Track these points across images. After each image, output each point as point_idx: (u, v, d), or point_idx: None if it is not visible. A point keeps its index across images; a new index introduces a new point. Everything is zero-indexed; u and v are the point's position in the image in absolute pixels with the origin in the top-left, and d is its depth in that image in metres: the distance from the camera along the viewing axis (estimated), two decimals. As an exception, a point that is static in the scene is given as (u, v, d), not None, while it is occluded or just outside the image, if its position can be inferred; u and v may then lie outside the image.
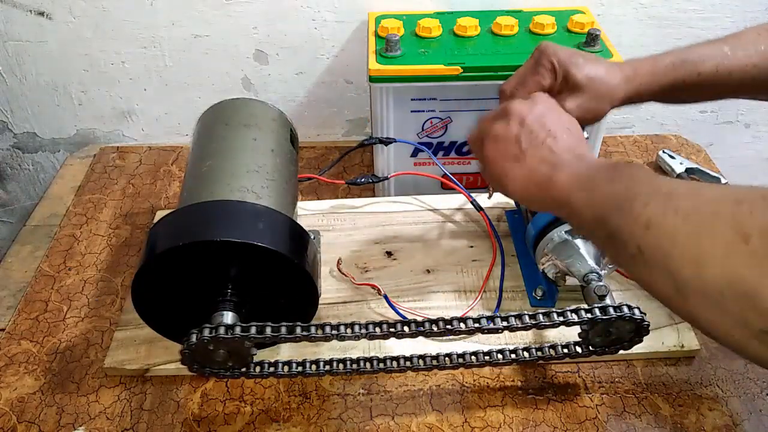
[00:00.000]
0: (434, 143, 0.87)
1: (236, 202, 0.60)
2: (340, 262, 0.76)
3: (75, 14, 0.92)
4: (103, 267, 0.80)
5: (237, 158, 0.66)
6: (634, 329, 0.59)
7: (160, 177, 0.96)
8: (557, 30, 0.85)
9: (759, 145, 1.14)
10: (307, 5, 0.92)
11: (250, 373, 0.60)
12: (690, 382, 0.66)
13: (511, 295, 0.72)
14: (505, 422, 0.62)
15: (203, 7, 0.92)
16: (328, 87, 1.01)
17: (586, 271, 0.62)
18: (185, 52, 0.96)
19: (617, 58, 0.79)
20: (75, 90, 1.01)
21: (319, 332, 0.57)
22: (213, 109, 0.74)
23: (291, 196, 0.68)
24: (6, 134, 1.06)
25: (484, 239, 0.79)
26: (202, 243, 0.56)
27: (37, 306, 0.74)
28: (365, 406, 0.64)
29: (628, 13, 0.95)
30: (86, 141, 1.07)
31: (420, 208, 0.85)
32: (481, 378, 0.66)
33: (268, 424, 0.62)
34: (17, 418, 0.63)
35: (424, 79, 0.79)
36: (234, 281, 0.60)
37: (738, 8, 0.95)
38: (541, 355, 0.62)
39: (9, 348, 0.70)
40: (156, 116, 1.04)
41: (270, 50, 0.97)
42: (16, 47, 0.95)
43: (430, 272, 0.76)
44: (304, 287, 0.61)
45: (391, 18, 0.87)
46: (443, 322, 0.57)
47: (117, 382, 0.66)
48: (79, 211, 0.89)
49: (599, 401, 0.64)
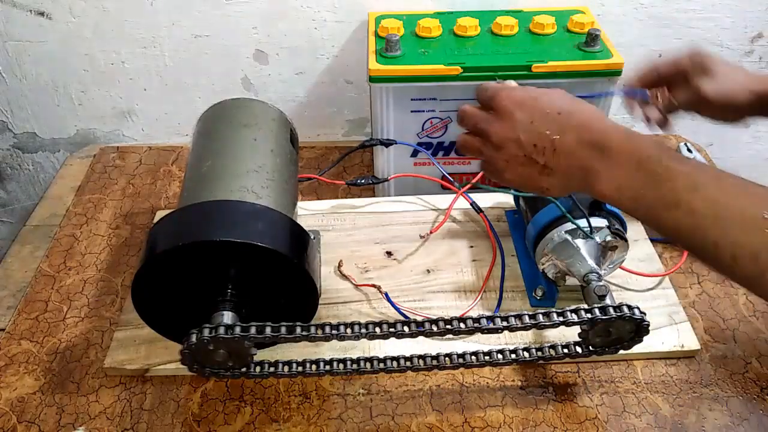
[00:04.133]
0: (434, 143, 0.87)
1: (236, 202, 0.60)
2: (341, 264, 0.76)
3: (75, 14, 0.92)
4: (103, 267, 0.80)
5: (237, 158, 0.66)
6: (634, 329, 0.59)
7: (160, 177, 0.96)
8: (557, 30, 0.85)
9: (759, 145, 1.14)
10: (307, 5, 0.92)
11: (250, 373, 0.60)
12: (690, 382, 0.66)
13: (511, 295, 0.72)
14: (505, 422, 0.62)
15: (203, 7, 0.92)
16: (328, 87, 1.01)
17: (586, 271, 0.62)
18: (185, 52, 0.96)
19: (617, 58, 0.79)
20: (75, 90, 1.01)
21: (319, 332, 0.57)
22: (213, 109, 0.74)
23: (291, 196, 0.68)
24: (6, 134, 1.06)
25: (484, 239, 0.79)
26: (202, 243, 0.56)
27: (37, 306, 0.74)
28: (365, 406, 0.64)
29: (628, 13, 0.95)
30: (86, 141, 1.07)
31: (420, 208, 0.85)
32: (481, 378, 0.66)
33: (268, 424, 0.62)
34: (17, 418, 0.63)
35: (424, 79, 0.79)
36: (234, 281, 0.60)
37: (738, 8, 0.95)
38: (541, 355, 0.62)
39: (9, 348, 0.70)
40: (156, 116, 1.04)
41: (270, 50, 0.97)
42: (16, 47, 0.95)
43: (430, 272, 0.76)
44: (304, 287, 0.61)
45: (391, 18, 0.87)
46: (443, 322, 0.57)
47: (117, 382, 0.66)
48: (79, 211, 0.89)
49: (599, 401, 0.64)
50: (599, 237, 0.63)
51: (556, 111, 0.50)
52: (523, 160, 0.51)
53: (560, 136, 0.49)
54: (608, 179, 0.48)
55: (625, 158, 0.47)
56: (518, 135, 0.51)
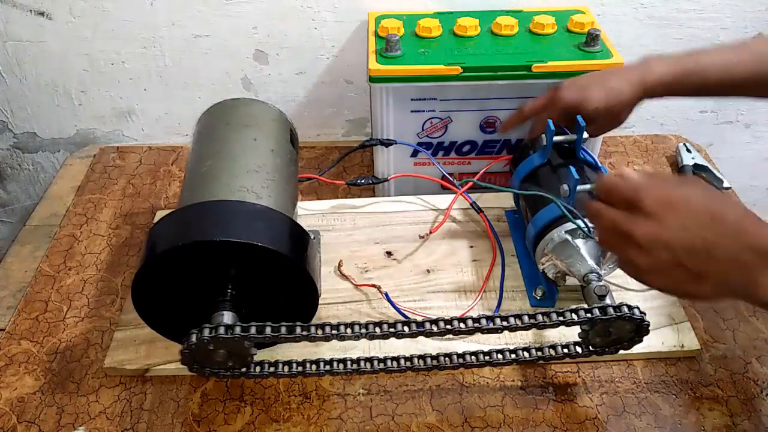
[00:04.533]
0: (434, 143, 0.87)
1: (236, 202, 0.60)
2: (341, 264, 0.76)
3: (75, 14, 0.92)
4: (103, 267, 0.80)
5: (237, 158, 0.66)
6: (634, 329, 0.59)
7: (160, 177, 0.96)
8: (557, 30, 0.85)
9: (759, 145, 1.14)
10: (307, 5, 0.92)
11: (250, 373, 0.60)
12: (690, 382, 0.65)
13: (511, 295, 0.72)
14: (505, 422, 0.62)
15: (203, 7, 0.92)
16: (328, 87, 1.01)
17: (586, 271, 0.62)
18: (185, 52, 0.96)
19: (617, 58, 0.79)
20: (75, 90, 1.01)
21: (319, 332, 0.57)
22: (213, 109, 0.74)
23: (291, 196, 0.68)
24: (6, 134, 1.06)
25: (484, 239, 0.79)
26: (202, 243, 0.56)
27: (37, 306, 0.74)
28: (365, 406, 0.64)
29: (628, 13, 0.95)
30: (86, 141, 1.07)
31: (420, 208, 0.85)
32: (481, 378, 0.66)
33: (268, 424, 0.62)
34: (17, 418, 0.63)
35: (424, 79, 0.79)
36: (234, 281, 0.60)
37: (738, 8, 0.95)
38: (541, 355, 0.62)
39: (9, 348, 0.70)
40: (156, 116, 1.04)
41: (270, 50, 0.97)
42: (16, 47, 0.95)
43: (430, 272, 0.76)
44: (304, 287, 0.61)
45: (391, 18, 0.87)
46: (443, 322, 0.57)
47: (117, 382, 0.66)
48: (79, 211, 0.89)
49: (599, 401, 0.64)
50: (599, 237, 0.63)
51: (709, 213, 0.47)
52: (671, 265, 0.47)
53: (716, 240, 0.46)
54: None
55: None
56: (669, 239, 0.47)
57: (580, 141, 0.69)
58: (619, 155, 1.00)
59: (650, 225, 0.48)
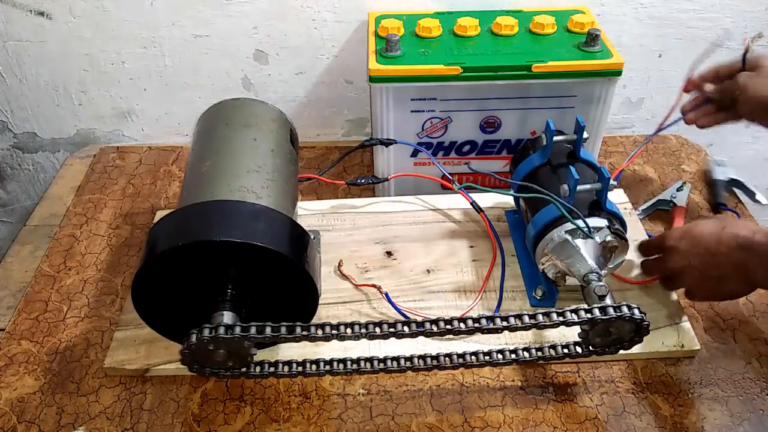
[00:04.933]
0: (434, 143, 0.87)
1: (236, 202, 0.60)
2: (341, 264, 0.76)
3: (75, 14, 0.92)
4: (103, 267, 0.80)
5: (237, 158, 0.66)
6: (634, 329, 0.59)
7: (160, 177, 0.96)
8: (557, 30, 0.85)
9: (759, 145, 1.14)
10: (307, 5, 0.92)
11: (250, 373, 0.60)
12: (690, 382, 0.66)
13: (511, 295, 0.72)
14: (505, 422, 0.62)
15: (203, 7, 0.92)
16: (328, 87, 1.01)
17: (586, 271, 0.62)
18: (185, 52, 0.96)
19: (617, 58, 0.79)
20: (75, 90, 1.01)
21: (319, 332, 0.57)
22: (213, 109, 0.74)
23: (291, 196, 0.68)
24: (6, 134, 1.06)
25: (484, 239, 0.79)
26: (201, 243, 0.56)
27: (37, 306, 0.74)
28: (365, 406, 0.64)
29: (628, 13, 0.95)
30: (86, 141, 1.07)
31: (420, 208, 0.85)
32: (481, 378, 0.66)
33: (268, 424, 0.62)
34: (17, 418, 0.63)
35: (424, 79, 0.79)
36: (234, 281, 0.60)
37: (738, 8, 0.95)
38: (541, 355, 0.62)
39: (9, 348, 0.70)
40: (156, 116, 1.04)
41: (270, 50, 0.97)
42: (16, 47, 0.95)
43: (430, 272, 0.76)
44: (304, 287, 0.61)
45: (391, 18, 0.87)
46: (443, 322, 0.57)
47: (117, 382, 0.66)
48: (79, 211, 0.89)
49: (599, 401, 0.64)
50: (599, 237, 0.63)
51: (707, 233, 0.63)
52: (700, 278, 0.64)
53: (717, 247, 0.61)
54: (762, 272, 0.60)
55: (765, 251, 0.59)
56: (689, 261, 0.64)
57: (580, 141, 0.69)
58: (619, 155, 1.00)
59: (673, 257, 0.65)
